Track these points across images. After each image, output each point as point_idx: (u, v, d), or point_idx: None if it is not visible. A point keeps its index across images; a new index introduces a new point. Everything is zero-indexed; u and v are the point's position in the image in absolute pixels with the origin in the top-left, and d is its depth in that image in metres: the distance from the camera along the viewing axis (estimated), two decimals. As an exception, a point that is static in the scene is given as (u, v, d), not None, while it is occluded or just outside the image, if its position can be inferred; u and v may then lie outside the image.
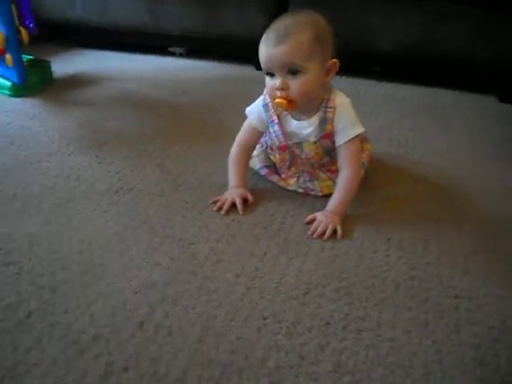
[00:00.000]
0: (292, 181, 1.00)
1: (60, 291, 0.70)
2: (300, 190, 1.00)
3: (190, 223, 0.89)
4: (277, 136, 0.94)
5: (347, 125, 0.88)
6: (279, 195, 1.00)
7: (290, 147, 0.95)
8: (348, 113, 0.89)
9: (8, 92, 1.51)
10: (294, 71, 0.81)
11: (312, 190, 0.99)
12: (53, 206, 0.93)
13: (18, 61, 1.42)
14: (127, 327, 0.64)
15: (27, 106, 1.44)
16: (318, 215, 0.89)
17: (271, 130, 0.95)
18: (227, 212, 0.92)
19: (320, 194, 0.97)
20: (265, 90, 0.91)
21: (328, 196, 0.94)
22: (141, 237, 0.85)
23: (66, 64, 1.92)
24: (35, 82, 1.57)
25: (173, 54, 2.11)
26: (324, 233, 0.86)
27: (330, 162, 0.96)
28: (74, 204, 0.94)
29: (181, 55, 2.11)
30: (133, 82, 1.72)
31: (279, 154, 0.98)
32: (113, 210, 0.93)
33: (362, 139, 0.98)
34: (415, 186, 1.07)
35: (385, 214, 0.95)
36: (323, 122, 0.89)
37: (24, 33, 1.45)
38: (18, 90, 1.50)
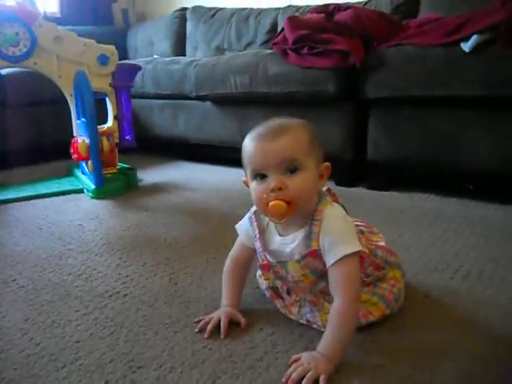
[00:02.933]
0: (294, 309, 0.82)
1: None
2: (302, 321, 0.82)
3: (156, 342, 0.77)
4: (259, 253, 0.81)
5: (335, 242, 0.71)
6: (278, 323, 0.82)
7: (274, 267, 0.79)
8: (337, 227, 0.72)
9: (90, 194, 1.66)
10: (292, 169, 0.70)
11: (314, 323, 0.80)
12: (43, 302, 0.91)
13: (96, 167, 1.56)
14: None
15: (99, 207, 1.55)
16: (304, 355, 0.69)
17: (256, 246, 0.82)
18: (209, 334, 0.78)
19: (323, 328, 0.77)
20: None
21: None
22: (96, 349, 0.75)
23: (158, 173, 2.08)
24: (118, 186, 1.71)
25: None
26: (301, 379, 0.66)
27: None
28: (62, 303, 0.91)
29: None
30: (205, 192, 1.75)
31: (264, 275, 0.83)
32: (94, 314, 0.86)
33: (377, 263, 0.80)
34: (463, 338, 0.77)
35: (402, 369, 0.70)
36: (308, 236, 0.73)
37: (106, 143, 1.61)
38: (99, 193, 1.64)
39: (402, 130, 1.63)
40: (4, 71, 2.13)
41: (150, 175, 2.02)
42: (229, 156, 2.20)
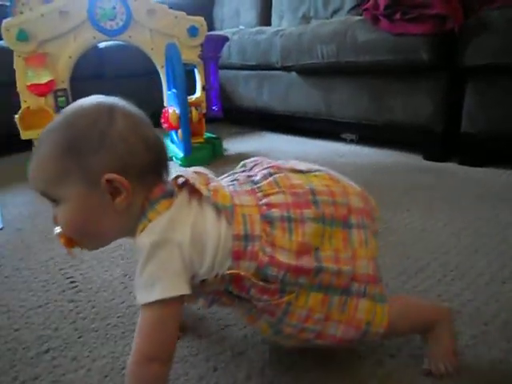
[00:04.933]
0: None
1: None
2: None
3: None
4: None
5: (135, 281, 0.53)
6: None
7: None
8: (139, 265, 0.52)
9: (179, 162, 1.75)
10: (52, 200, 0.53)
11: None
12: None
13: (185, 136, 1.63)
14: None
15: (187, 174, 1.63)
16: None
17: None
18: None
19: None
20: None
21: None
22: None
23: (242, 143, 2.12)
24: (204, 155, 1.78)
25: (344, 140, 2.11)
26: None
27: None
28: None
29: (352, 142, 2.08)
30: (288, 162, 1.76)
31: None
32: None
33: (261, 286, 0.54)
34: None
35: None
36: None
37: (194, 113, 1.67)
38: (187, 161, 1.72)
39: (502, 102, 1.50)
40: (101, 45, 2.27)
41: (234, 145, 2.08)
42: (313, 127, 2.20)
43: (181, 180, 0.57)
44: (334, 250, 0.56)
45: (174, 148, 1.87)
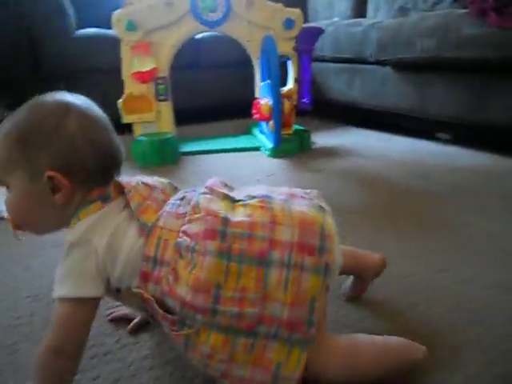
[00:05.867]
0: None
1: None
2: None
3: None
4: None
5: (59, 275, 0.55)
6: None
7: None
8: (69, 257, 0.54)
9: (267, 152, 1.78)
10: (5, 185, 0.57)
11: None
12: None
13: (276, 127, 1.65)
14: None
15: (274, 165, 1.66)
16: None
17: None
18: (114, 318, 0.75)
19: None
20: None
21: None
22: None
23: (329, 137, 2.11)
24: (293, 147, 1.80)
25: (438, 140, 2.01)
26: None
27: None
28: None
29: (447, 142, 1.98)
30: (374, 159, 1.72)
31: None
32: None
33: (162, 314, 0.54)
34: None
35: None
36: None
37: (287, 105, 1.69)
38: (275, 152, 1.75)
39: None
40: (197, 36, 2.36)
41: (321, 138, 2.07)
42: (405, 124, 2.13)
43: (122, 187, 0.59)
44: (239, 290, 0.51)
45: (263, 138, 1.90)
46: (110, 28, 1.74)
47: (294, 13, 1.83)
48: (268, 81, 1.72)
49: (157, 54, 1.75)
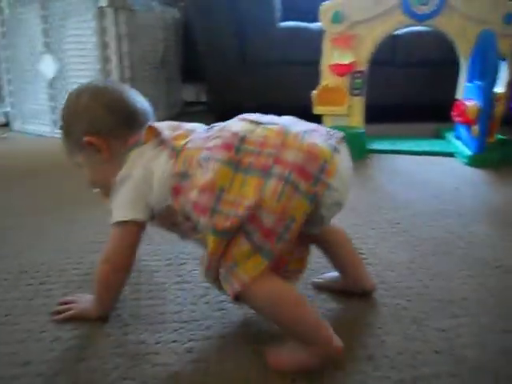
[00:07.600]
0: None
1: None
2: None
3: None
4: None
5: (112, 206, 0.68)
6: None
7: None
8: (118, 191, 0.67)
9: (464, 160, 1.61)
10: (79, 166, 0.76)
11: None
12: (426, 251, 0.95)
13: (482, 133, 1.48)
14: None
15: (474, 175, 1.49)
16: (80, 295, 0.76)
17: None
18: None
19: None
20: None
21: None
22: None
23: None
24: (494, 157, 1.59)
25: None
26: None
27: None
28: (447, 258, 0.93)
29: None
30: None
31: None
32: (478, 279, 0.85)
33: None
34: None
35: None
36: None
37: (500, 110, 1.50)
38: (475, 160, 1.57)
39: None
40: (397, 32, 2.26)
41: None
42: None
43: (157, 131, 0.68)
44: (240, 196, 0.55)
45: (460, 144, 1.73)
46: (309, 21, 1.78)
47: (518, 6, 1.61)
48: (477, 82, 1.55)
49: (357, 47, 1.72)
